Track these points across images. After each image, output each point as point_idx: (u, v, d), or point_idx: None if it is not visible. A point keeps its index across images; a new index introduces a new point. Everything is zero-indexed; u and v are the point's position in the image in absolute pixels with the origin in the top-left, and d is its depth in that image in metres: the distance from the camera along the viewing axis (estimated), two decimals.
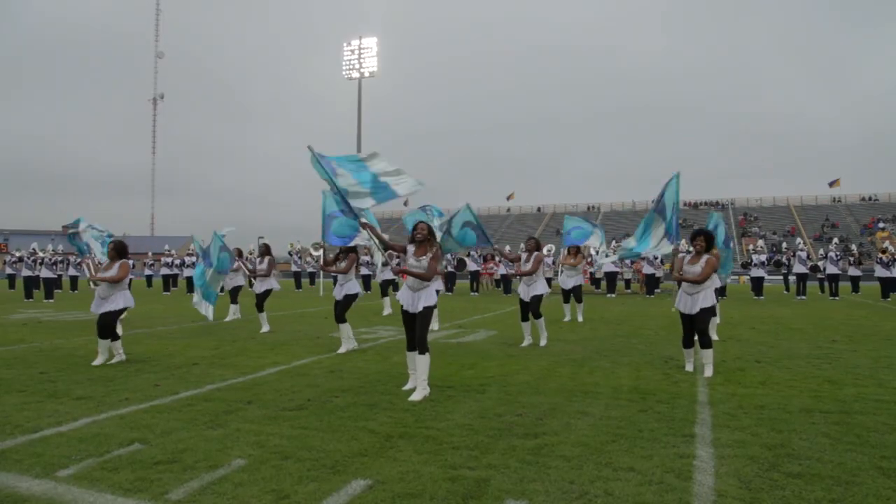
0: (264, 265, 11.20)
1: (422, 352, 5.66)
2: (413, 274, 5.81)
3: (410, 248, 5.93)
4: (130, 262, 7.77)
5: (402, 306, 5.90)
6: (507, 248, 24.09)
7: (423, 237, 5.87)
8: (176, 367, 7.15)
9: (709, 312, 6.63)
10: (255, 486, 3.37)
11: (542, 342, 8.96)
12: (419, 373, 5.64)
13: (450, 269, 24.35)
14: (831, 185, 60.35)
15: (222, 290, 22.50)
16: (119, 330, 7.78)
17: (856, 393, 5.69)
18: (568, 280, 13.08)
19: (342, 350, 8.39)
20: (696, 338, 6.88)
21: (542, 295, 9.03)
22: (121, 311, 7.64)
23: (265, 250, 11.40)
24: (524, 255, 9.20)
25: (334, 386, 6.09)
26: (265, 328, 10.86)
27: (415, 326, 5.82)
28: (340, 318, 8.47)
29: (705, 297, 6.61)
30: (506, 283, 24.12)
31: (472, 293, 23.83)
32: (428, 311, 5.78)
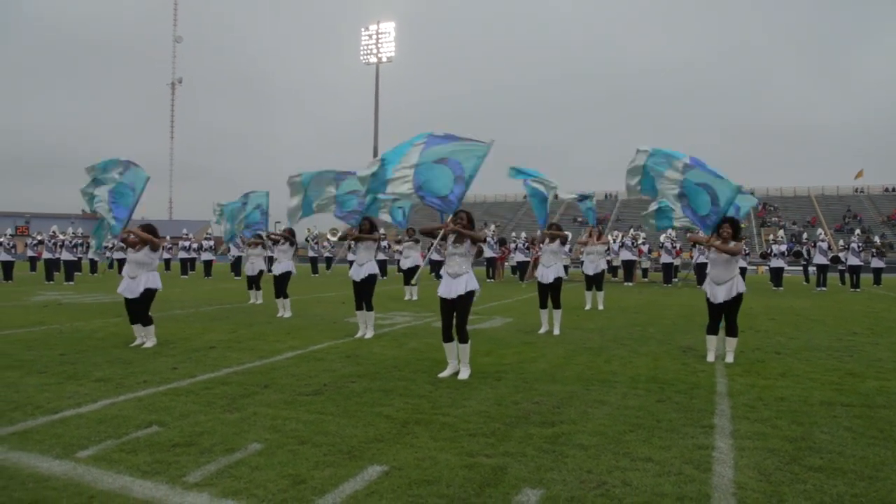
0: (286, 246, 11.22)
1: (462, 340, 5.80)
2: (464, 233, 5.83)
3: (451, 237, 6.01)
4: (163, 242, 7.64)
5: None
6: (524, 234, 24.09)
7: (463, 226, 5.95)
8: (193, 351, 7.20)
9: (741, 298, 6.79)
10: (271, 471, 3.38)
11: (556, 331, 8.92)
12: (462, 357, 5.85)
13: (492, 253, 24.15)
14: (856, 176, 59.36)
15: (237, 271, 22.73)
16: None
17: (878, 386, 5.58)
18: (591, 265, 13.06)
19: (369, 335, 8.36)
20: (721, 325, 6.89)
21: (562, 279, 9.01)
22: (150, 296, 7.50)
23: (289, 234, 11.35)
24: (548, 239, 9.21)
25: (351, 371, 6.10)
26: (287, 313, 10.89)
27: (450, 315, 5.87)
28: (369, 306, 8.40)
29: (738, 284, 6.72)
30: (521, 270, 24.04)
31: (489, 280, 23.79)
32: (465, 298, 5.80)
